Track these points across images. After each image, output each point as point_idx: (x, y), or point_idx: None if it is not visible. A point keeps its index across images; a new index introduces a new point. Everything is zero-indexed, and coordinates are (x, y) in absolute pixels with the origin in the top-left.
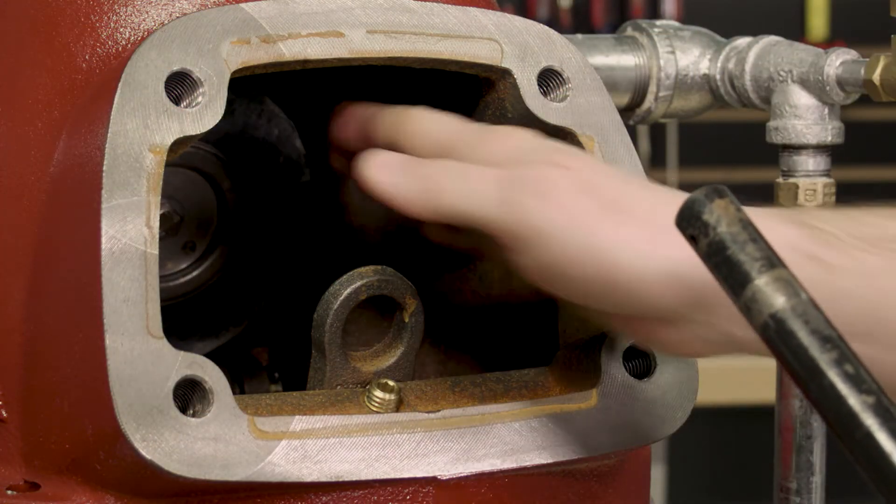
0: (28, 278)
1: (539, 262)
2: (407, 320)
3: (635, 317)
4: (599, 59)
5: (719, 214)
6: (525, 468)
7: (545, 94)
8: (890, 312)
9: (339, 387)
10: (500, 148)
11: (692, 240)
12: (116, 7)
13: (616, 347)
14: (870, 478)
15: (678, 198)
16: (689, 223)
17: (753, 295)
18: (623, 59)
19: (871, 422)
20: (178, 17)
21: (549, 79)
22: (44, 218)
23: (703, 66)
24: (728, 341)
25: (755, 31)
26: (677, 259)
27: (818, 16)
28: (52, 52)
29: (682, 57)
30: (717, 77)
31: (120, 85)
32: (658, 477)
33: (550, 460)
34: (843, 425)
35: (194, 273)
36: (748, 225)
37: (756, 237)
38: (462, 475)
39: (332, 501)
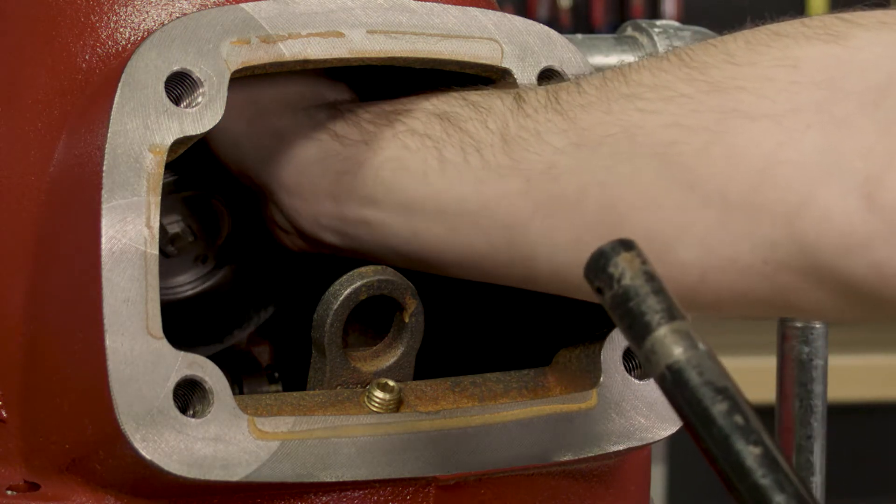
0: (28, 278)
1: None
2: (407, 320)
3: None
4: (599, 59)
5: (624, 267)
6: (525, 468)
7: None
8: (388, 175)
9: (339, 387)
10: None
11: (598, 291)
12: (116, 7)
13: (616, 347)
14: None
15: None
16: (596, 276)
17: (653, 346)
18: (623, 59)
19: (758, 472)
20: (178, 17)
21: (549, 79)
22: (44, 218)
23: None
24: (303, 238)
25: None
26: (239, 133)
27: None
28: (52, 51)
29: None
30: None
31: (120, 85)
32: (658, 477)
33: (550, 460)
34: (731, 475)
35: (207, 283)
36: (652, 277)
37: (659, 290)
38: (462, 475)
39: (332, 501)
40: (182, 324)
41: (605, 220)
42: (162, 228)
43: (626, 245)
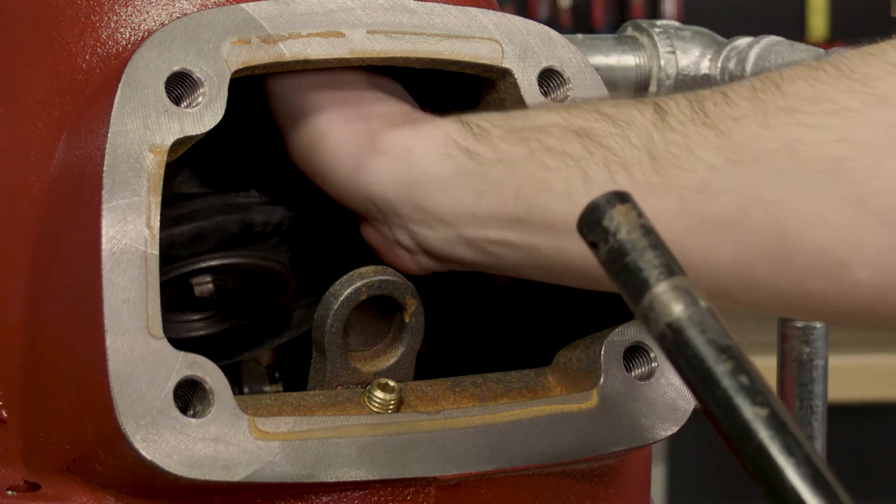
0: (28, 278)
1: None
2: (407, 320)
3: (360, 216)
4: (600, 59)
5: (619, 220)
6: (525, 468)
7: (546, 94)
8: (529, 194)
9: (339, 387)
10: None
11: (593, 246)
12: (116, 7)
13: (616, 347)
14: (762, 490)
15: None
16: (590, 229)
17: (651, 303)
18: (623, 59)
19: (763, 434)
20: (178, 17)
21: (549, 79)
22: (44, 218)
23: (704, 67)
24: (426, 252)
25: (755, 31)
26: (363, 158)
27: (818, 16)
28: (52, 52)
29: (682, 57)
30: (718, 77)
31: (120, 85)
32: (658, 477)
33: (550, 461)
34: (735, 437)
35: (223, 325)
36: (649, 231)
37: (657, 244)
38: (462, 475)
39: (332, 502)
40: (192, 346)
41: (769, 238)
42: (190, 290)
43: (622, 197)
